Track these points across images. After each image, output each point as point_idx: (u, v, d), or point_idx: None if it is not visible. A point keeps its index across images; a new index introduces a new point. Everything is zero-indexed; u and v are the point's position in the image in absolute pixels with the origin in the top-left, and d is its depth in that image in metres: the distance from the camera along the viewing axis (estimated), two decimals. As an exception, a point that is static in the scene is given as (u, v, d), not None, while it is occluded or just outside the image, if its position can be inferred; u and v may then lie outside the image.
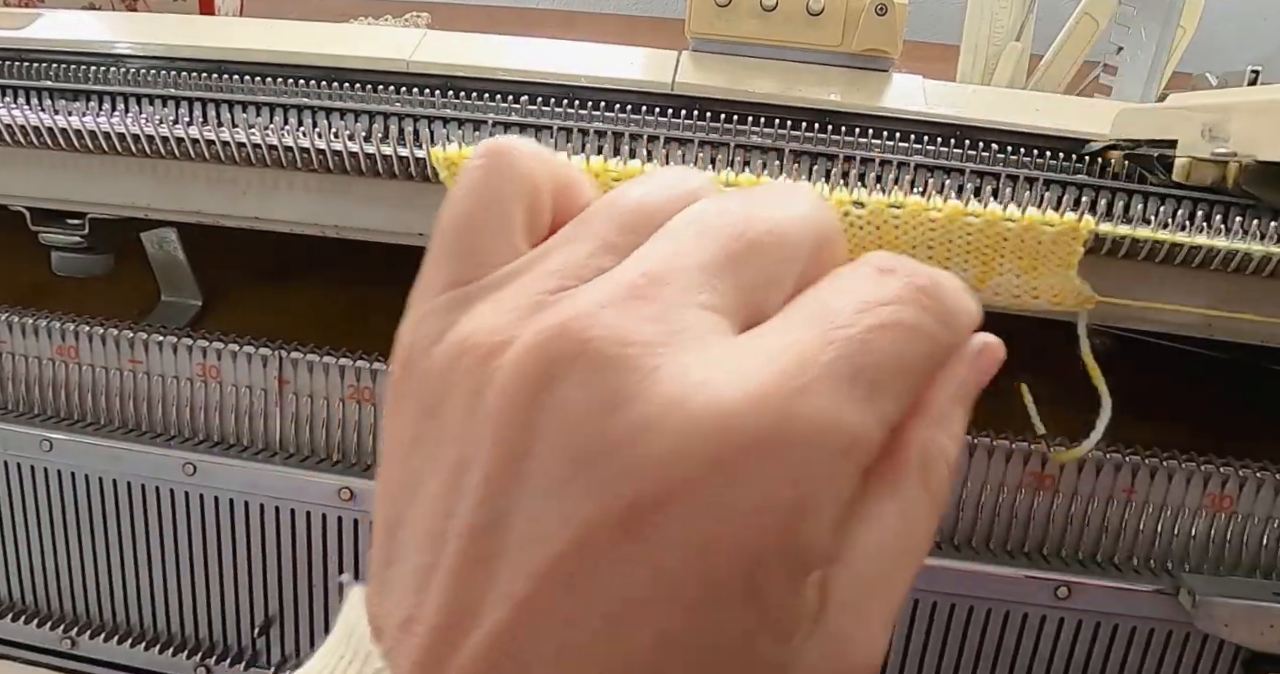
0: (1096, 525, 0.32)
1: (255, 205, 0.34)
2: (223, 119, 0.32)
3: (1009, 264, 0.29)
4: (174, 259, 0.44)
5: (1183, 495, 0.31)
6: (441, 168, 0.29)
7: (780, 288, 0.16)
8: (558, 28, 0.95)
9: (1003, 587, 0.31)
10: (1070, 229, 0.29)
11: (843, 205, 0.29)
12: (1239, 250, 0.29)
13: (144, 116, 0.32)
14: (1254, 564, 0.32)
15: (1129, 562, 0.32)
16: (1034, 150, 0.34)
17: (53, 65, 0.37)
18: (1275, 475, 0.31)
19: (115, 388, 0.35)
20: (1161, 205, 0.30)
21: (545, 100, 0.35)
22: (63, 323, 0.35)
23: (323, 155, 0.31)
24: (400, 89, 0.36)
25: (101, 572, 0.36)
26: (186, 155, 0.33)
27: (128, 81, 0.37)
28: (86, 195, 0.35)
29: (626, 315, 0.14)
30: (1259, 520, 0.31)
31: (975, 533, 0.32)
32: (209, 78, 0.37)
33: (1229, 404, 0.41)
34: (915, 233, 0.29)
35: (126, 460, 0.34)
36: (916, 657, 0.32)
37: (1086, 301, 0.29)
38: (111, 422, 0.36)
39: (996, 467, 0.31)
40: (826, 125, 0.34)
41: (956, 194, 0.30)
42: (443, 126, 0.32)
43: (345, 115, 0.32)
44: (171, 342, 0.34)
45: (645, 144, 0.31)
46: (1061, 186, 0.30)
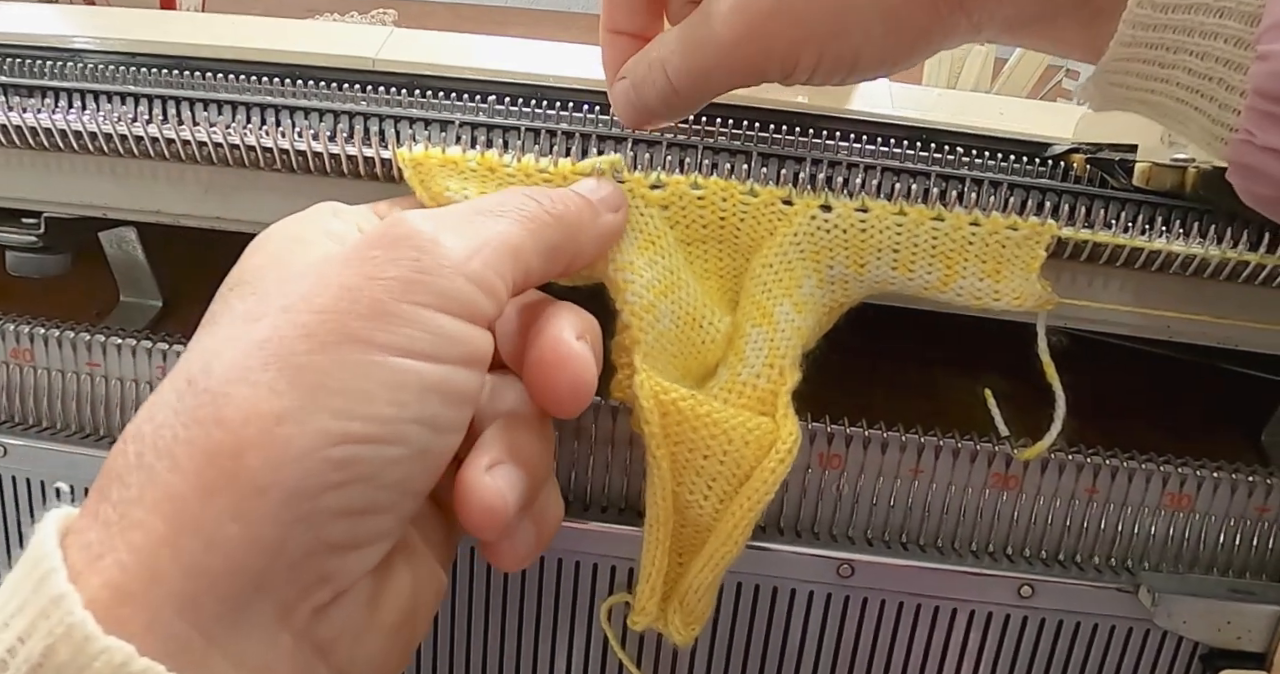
0: (1058, 525, 0.32)
1: (217, 205, 0.33)
2: (184, 117, 0.32)
3: (973, 267, 0.29)
4: (133, 259, 0.43)
5: (1143, 495, 0.32)
6: (407, 168, 0.29)
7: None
8: (526, 27, 0.94)
9: (965, 586, 0.31)
10: (1033, 233, 0.29)
11: (810, 208, 0.29)
12: (1196, 254, 0.29)
13: (102, 114, 0.32)
14: (1211, 562, 0.32)
15: (1090, 560, 0.32)
16: (998, 154, 0.35)
17: (7, 60, 0.36)
18: (1232, 475, 0.32)
19: (72, 392, 0.35)
20: (1122, 210, 0.30)
21: (513, 100, 0.35)
22: (17, 325, 0.34)
23: (286, 155, 0.31)
24: (365, 88, 0.36)
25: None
26: (146, 154, 0.32)
27: (86, 77, 0.36)
28: (42, 194, 0.34)
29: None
30: (1216, 519, 0.32)
31: (940, 533, 0.32)
32: (170, 74, 0.36)
33: (1188, 405, 0.41)
34: (881, 236, 0.29)
35: (84, 466, 0.33)
36: (883, 656, 0.33)
37: (1047, 303, 0.29)
38: (69, 426, 0.35)
39: (961, 467, 0.32)
40: (794, 127, 0.34)
41: (922, 197, 0.30)
42: (409, 126, 0.31)
43: (309, 114, 0.32)
44: (131, 344, 0.34)
45: (613, 146, 0.31)
46: (1025, 190, 0.30)
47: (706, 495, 0.28)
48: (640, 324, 0.28)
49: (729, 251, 0.30)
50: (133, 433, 0.20)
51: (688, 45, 0.27)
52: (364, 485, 0.20)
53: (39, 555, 0.18)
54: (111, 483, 0.20)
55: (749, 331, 0.29)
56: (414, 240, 0.22)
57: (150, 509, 0.19)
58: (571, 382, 0.24)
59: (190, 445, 0.19)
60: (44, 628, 0.17)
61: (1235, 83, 0.23)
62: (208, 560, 0.18)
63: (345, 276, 0.21)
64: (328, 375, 0.20)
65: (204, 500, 0.19)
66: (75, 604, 0.17)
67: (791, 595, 0.32)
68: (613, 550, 0.32)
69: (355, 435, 0.20)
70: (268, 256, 0.24)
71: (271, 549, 0.19)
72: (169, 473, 0.19)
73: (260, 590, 0.19)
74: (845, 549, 0.32)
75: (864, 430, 0.32)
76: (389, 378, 0.20)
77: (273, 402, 0.19)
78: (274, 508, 0.19)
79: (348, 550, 0.20)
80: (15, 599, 0.18)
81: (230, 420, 0.19)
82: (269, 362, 0.20)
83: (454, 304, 0.22)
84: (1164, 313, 0.31)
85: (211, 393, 0.20)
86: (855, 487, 0.32)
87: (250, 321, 0.21)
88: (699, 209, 0.30)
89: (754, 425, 0.28)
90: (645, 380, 0.27)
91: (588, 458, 0.32)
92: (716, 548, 0.28)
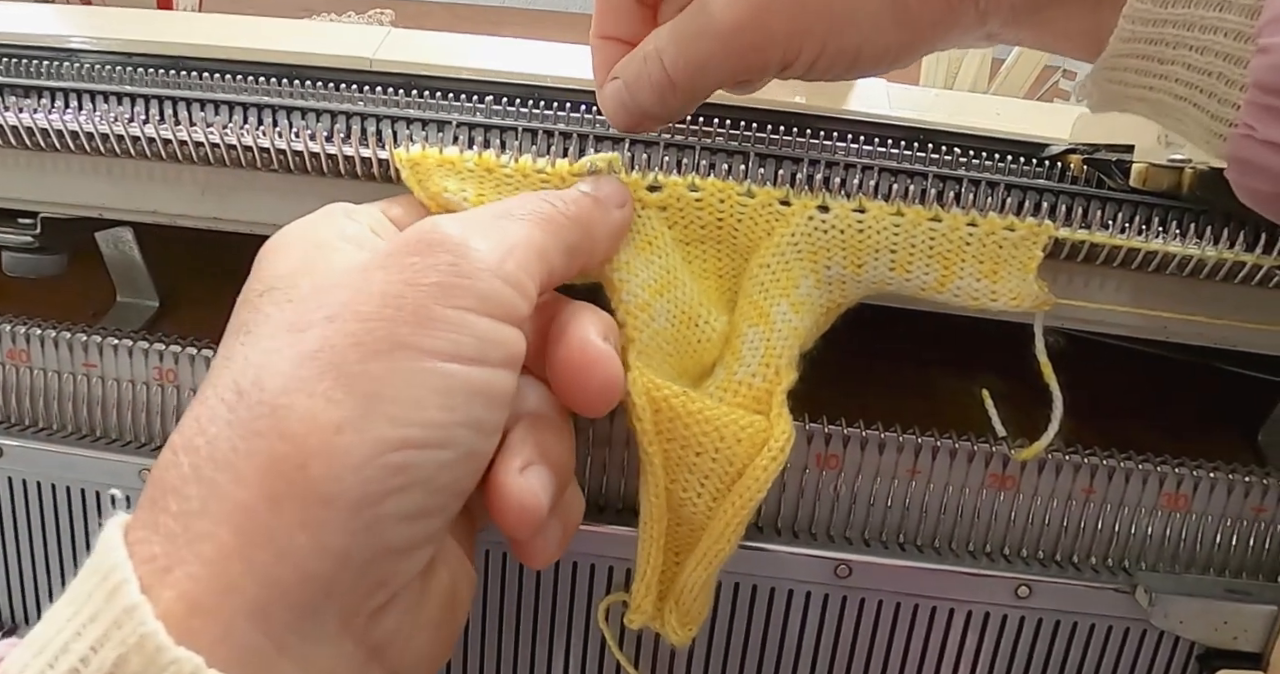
0: (1056, 525, 0.32)
1: (214, 206, 0.33)
2: (180, 117, 0.32)
3: (970, 268, 0.29)
4: (130, 259, 0.43)
5: (1140, 495, 0.32)
6: (404, 168, 0.29)
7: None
8: (524, 27, 0.94)
9: (963, 586, 0.31)
10: (1031, 233, 0.29)
11: (807, 209, 0.29)
12: (1193, 255, 0.29)
13: (99, 114, 0.32)
14: (1208, 562, 0.32)
15: (1087, 560, 0.32)
16: (995, 154, 0.35)
17: (4, 60, 0.36)
18: (1229, 476, 0.32)
19: (69, 392, 0.34)
20: (1119, 210, 0.30)
21: (510, 100, 0.35)
22: (14, 325, 0.34)
23: (283, 155, 0.31)
24: (363, 88, 0.36)
25: (55, 580, 0.35)
26: (143, 154, 0.32)
27: (82, 77, 0.36)
28: (39, 194, 0.34)
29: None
30: (1213, 519, 0.32)
31: (937, 533, 0.32)
32: (166, 74, 0.36)
33: (1184, 405, 0.41)
34: (879, 237, 0.29)
35: (80, 467, 0.33)
36: (881, 657, 0.33)
37: (1044, 303, 0.29)
38: (65, 427, 0.35)
39: (959, 468, 0.32)
40: (791, 128, 0.34)
41: (920, 198, 0.30)
42: (406, 127, 0.31)
43: (306, 114, 0.32)
44: (127, 345, 0.34)
45: (611, 146, 0.31)
46: (1022, 191, 0.30)
47: (700, 493, 0.28)
48: (634, 323, 0.28)
49: (727, 252, 0.30)
50: (183, 444, 0.20)
51: (685, 35, 0.27)
52: (420, 490, 0.21)
53: (109, 566, 0.19)
54: (168, 495, 0.20)
55: (746, 331, 0.29)
56: (448, 245, 0.22)
57: (217, 521, 0.19)
58: (602, 382, 0.25)
59: (252, 457, 0.20)
60: (116, 638, 0.18)
61: (1235, 77, 0.23)
62: (279, 570, 0.19)
63: (386, 284, 0.22)
64: (382, 383, 0.20)
65: (272, 511, 0.19)
66: (148, 615, 0.18)
67: (789, 596, 0.32)
68: (611, 551, 0.32)
69: (411, 441, 0.20)
70: (294, 262, 0.24)
71: (338, 557, 0.19)
72: (233, 485, 0.19)
73: (328, 598, 0.20)
74: (843, 550, 0.32)
75: (861, 431, 0.32)
76: (439, 383, 0.21)
77: (331, 411, 0.20)
78: (340, 516, 0.19)
79: (405, 554, 0.21)
80: (88, 608, 0.18)
81: (291, 431, 0.20)
82: (324, 371, 0.20)
83: (493, 306, 0.22)
84: (1161, 313, 0.31)
85: (268, 404, 0.20)
86: (853, 487, 0.32)
87: (295, 331, 0.21)
88: (696, 210, 0.30)
89: (747, 423, 0.28)
90: (638, 377, 0.27)
91: (585, 458, 0.32)
92: (710, 546, 0.28)
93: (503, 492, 0.23)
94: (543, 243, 0.25)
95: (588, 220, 0.27)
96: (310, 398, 0.20)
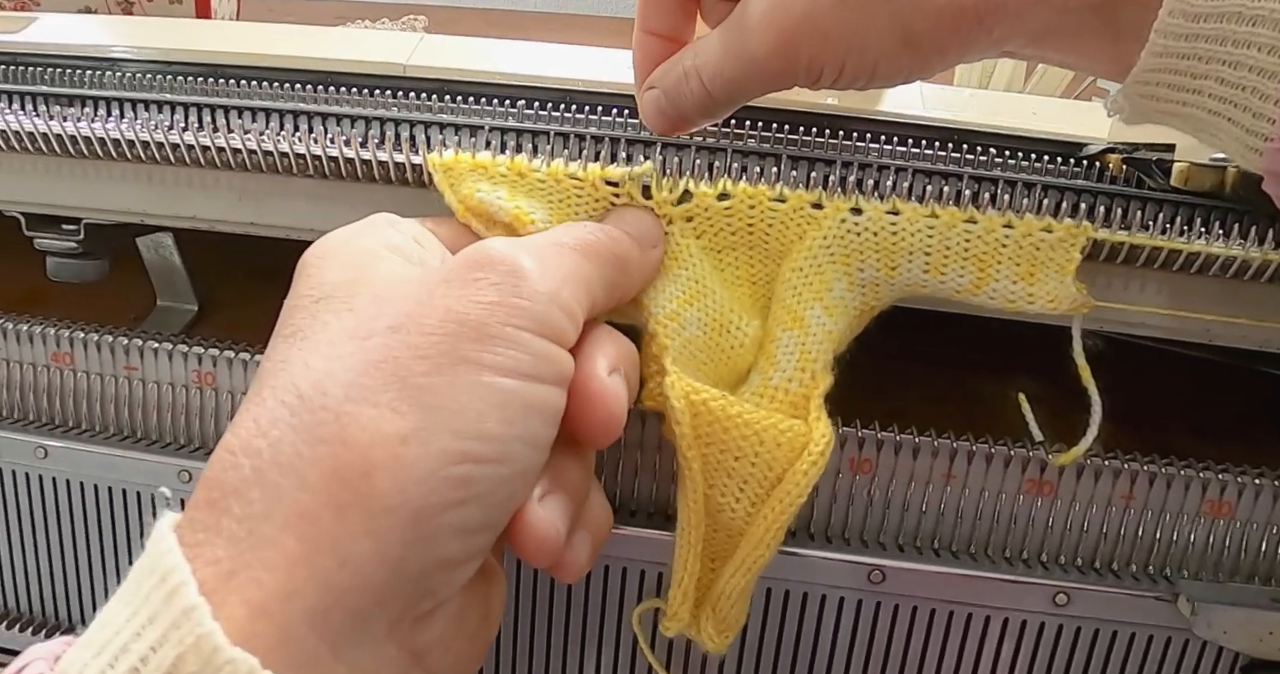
0: (1095, 531, 0.32)
1: (251, 211, 0.34)
2: (218, 124, 0.32)
3: (1006, 270, 0.29)
4: (170, 264, 0.44)
5: (1181, 501, 0.31)
6: (437, 173, 0.29)
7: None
8: (556, 31, 0.94)
9: (999, 593, 0.31)
10: (1069, 235, 0.29)
11: (840, 211, 0.29)
12: (1236, 256, 0.29)
13: (139, 122, 0.32)
14: (1252, 571, 0.31)
15: (1128, 568, 0.32)
16: (1032, 154, 0.34)
17: (48, 70, 0.37)
18: (1274, 482, 0.31)
19: (110, 394, 0.35)
20: (1159, 211, 0.30)
21: (543, 105, 0.35)
22: (57, 329, 0.35)
23: (318, 161, 0.31)
24: (396, 93, 0.36)
25: (97, 579, 0.36)
26: (182, 161, 0.32)
27: (123, 86, 0.37)
28: (82, 201, 0.35)
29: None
30: (1258, 527, 0.31)
31: (974, 539, 0.32)
32: (205, 82, 0.37)
33: (1226, 409, 0.40)
34: (913, 239, 0.29)
35: (121, 467, 0.34)
36: (915, 664, 0.32)
37: (1082, 306, 0.29)
38: (106, 428, 0.35)
39: (995, 473, 0.31)
40: (824, 130, 0.34)
41: (954, 199, 0.29)
42: (439, 132, 0.31)
43: (341, 120, 0.32)
44: (167, 348, 0.34)
45: (642, 150, 0.31)
46: (1060, 191, 0.30)
47: (738, 498, 0.28)
48: (666, 331, 0.28)
49: (758, 258, 0.30)
50: (241, 446, 0.21)
51: (721, 56, 0.28)
52: (477, 504, 0.21)
53: (166, 568, 0.19)
54: (229, 497, 0.20)
55: (780, 336, 0.29)
56: (508, 266, 0.23)
57: (282, 527, 0.19)
58: (604, 418, 0.25)
59: (317, 464, 0.20)
60: (175, 638, 0.18)
61: (1269, 91, 0.22)
62: (340, 577, 0.19)
63: (449, 299, 0.22)
64: (445, 396, 0.21)
65: (336, 519, 0.19)
66: (205, 616, 0.18)
67: (821, 601, 0.32)
68: (643, 555, 0.32)
69: (473, 455, 0.21)
70: (346, 271, 0.24)
71: (396, 566, 0.20)
72: (298, 491, 0.20)
73: (380, 606, 0.20)
74: (876, 555, 0.31)
75: (895, 435, 0.31)
76: (499, 398, 0.21)
77: (397, 422, 0.20)
78: (402, 526, 0.20)
79: (456, 566, 0.21)
80: (146, 610, 0.19)
81: (356, 440, 0.20)
82: (388, 382, 0.21)
83: (548, 329, 0.23)
84: (1203, 316, 0.30)
85: (332, 411, 0.20)
86: (886, 492, 0.32)
87: (357, 339, 0.22)
88: (725, 217, 0.30)
89: (786, 427, 0.28)
90: (676, 381, 0.27)
91: (618, 462, 0.32)
92: (749, 552, 0.28)
93: (523, 522, 0.23)
94: (589, 275, 0.25)
95: (628, 259, 0.27)
96: (375, 407, 0.20)
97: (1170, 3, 0.23)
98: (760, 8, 0.27)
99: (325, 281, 0.24)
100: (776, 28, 0.26)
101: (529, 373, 0.22)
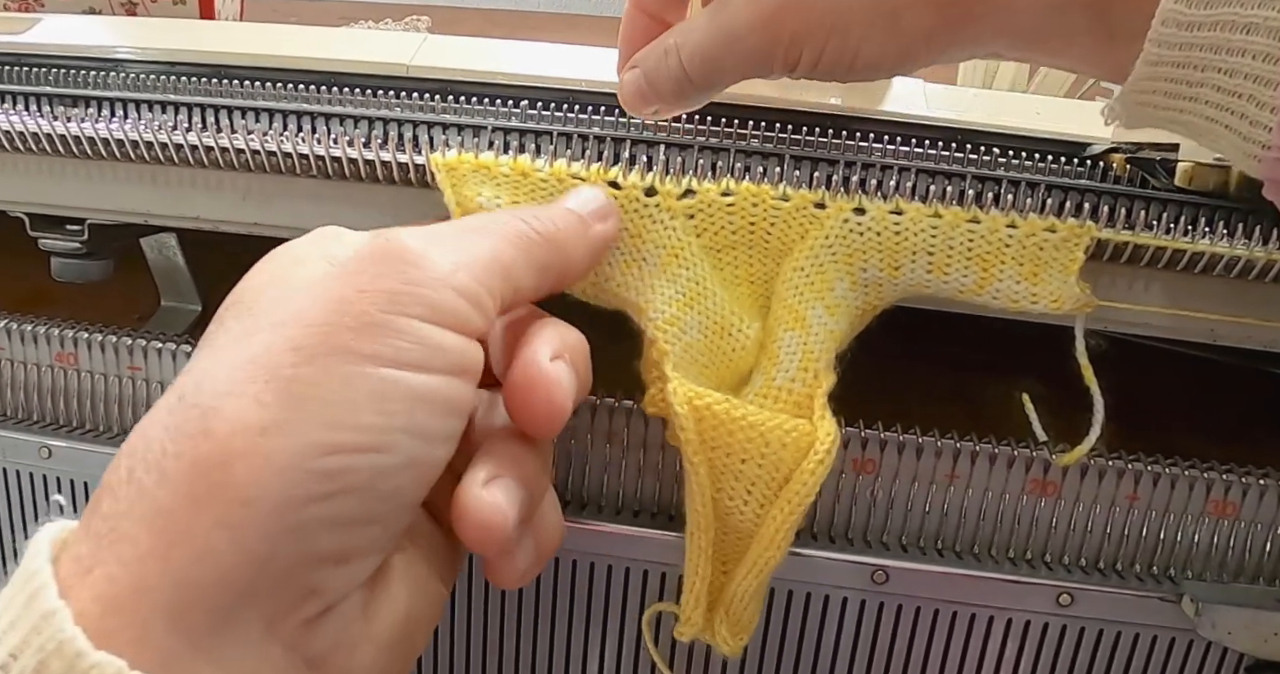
0: (1099, 532, 0.32)
1: (255, 211, 0.34)
2: (222, 124, 0.32)
3: (1010, 270, 0.29)
4: (174, 264, 0.44)
5: (1185, 502, 0.31)
6: (440, 172, 0.29)
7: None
8: (560, 32, 0.95)
9: (1003, 593, 0.31)
10: (1072, 235, 0.28)
11: (843, 211, 0.29)
12: (1241, 256, 0.29)
13: (143, 122, 0.32)
14: (1257, 571, 0.31)
15: (1131, 568, 0.32)
16: (1035, 154, 0.34)
17: (52, 70, 0.37)
18: (1278, 482, 0.31)
19: (115, 395, 0.35)
20: (1164, 210, 0.30)
21: (546, 105, 0.35)
22: (61, 329, 0.35)
23: (322, 161, 0.31)
24: (400, 94, 0.36)
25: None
26: (186, 161, 0.33)
27: (127, 87, 0.37)
28: (86, 201, 0.35)
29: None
30: (1262, 527, 0.31)
31: (977, 539, 0.32)
32: (208, 83, 0.37)
33: (1230, 409, 0.40)
34: (916, 239, 0.29)
35: (126, 467, 0.34)
36: (919, 665, 0.32)
37: (1086, 306, 0.29)
38: (111, 428, 0.35)
39: (998, 473, 0.31)
40: (827, 129, 0.34)
41: (958, 199, 0.29)
42: (442, 132, 0.31)
43: (345, 121, 0.32)
44: (171, 348, 0.34)
45: (646, 150, 0.31)
46: (1063, 191, 0.30)
47: (746, 500, 0.28)
48: (666, 337, 0.28)
49: (759, 257, 0.30)
50: (126, 449, 0.20)
51: (701, 32, 0.28)
52: (353, 496, 0.20)
53: (30, 570, 0.19)
54: (101, 497, 0.20)
55: (781, 336, 0.29)
56: (402, 254, 0.22)
57: (138, 522, 0.19)
58: (546, 403, 0.24)
59: (178, 459, 0.19)
60: (36, 644, 0.18)
61: (1265, 98, 0.22)
62: (196, 572, 0.19)
63: (335, 290, 0.22)
64: (315, 387, 0.20)
65: (192, 512, 0.19)
66: (66, 620, 0.18)
67: (825, 602, 0.32)
68: (647, 555, 0.32)
69: (343, 445, 0.20)
70: (265, 276, 0.24)
71: (259, 560, 0.19)
72: (157, 487, 0.19)
73: (248, 601, 0.19)
74: (880, 555, 0.31)
75: (899, 435, 0.31)
76: (375, 387, 0.21)
77: (259, 413, 0.20)
78: (261, 519, 0.19)
79: (338, 563, 0.20)
80: (8, 615, 0.18)
81: (217, 432, 0.19)
82: (257, 375, 0.20)
83: (442, 315, 0.22)
84: (1208, 315, 0.30)
85: (200, 407, 0.20)
86: (890, 492, 0.32)
87: (244, 337, 0.21)
88: (728, 215, 0.30)
89: (791, 427, 0.28)
90: (678, 387, 0.27)
91: (620, 462, 0.32)
92: (759, 554, 0.28)
93: (464, 505, 0.23)
94: (509, 258, 0.24)
95: (564, 238, 0.26)
96: (239, 399, 0.20)
97: (1164, 12, 0.23)
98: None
99: (243, 289, 0.23)
100: (758, 2, 0.26)
101: (414, 362, 0.21)
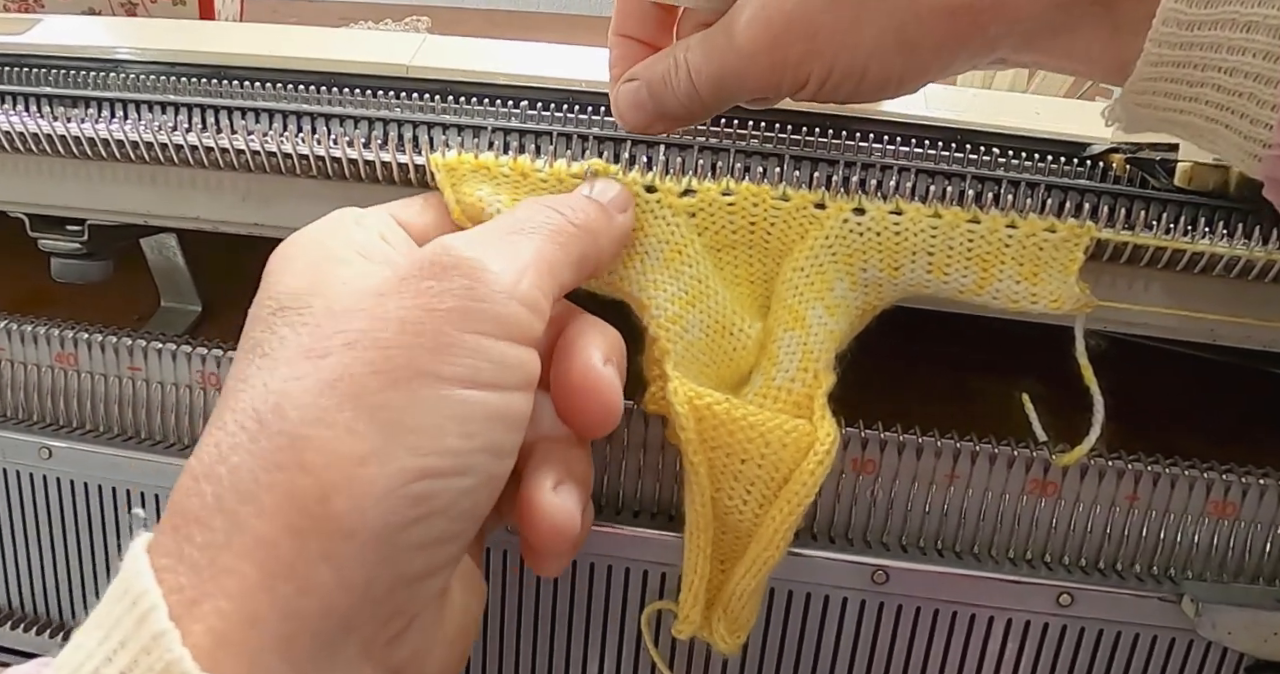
0: (1099, 532, 0.32)
1: (255, 212, 0.34)
2: (222, 125, 0.32)
3: (1009, 270, 0.29)
4: (174, 265, 0.44)
5: (1185, 502, 0.31)
6: (440, 173, 0.29)
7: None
8: (559, 32, 0.95)
9: (1003, 593, 0.31)
10: (1072, 235, 0.28)
11: (843, 211, 0.29)
12: (1240, 256, 0.29)
13: (143, 123, 0.32)
14: (1257, 571, 0.31)
15: (1131, 568, 0.32)
16: (1035, 154, 0.34)
17: (52, 71, 0.37)
18: (1278, 482, 0.31)
19: (115, 395, 0.35)
20: (1163, 210, 0.30)
21: (546, 105, 0.35)
22: (62, 330, 0.35)
23: (322, 162, 0.31)
24: (400, 94, 0.36)
25: (101, 579, 0.36)
26: (186, 162, 0.33)
27: (127, 87, 0.37)
28: (86, 202, 0.35)
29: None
30: (1262, 527, 0.31)
31: (977, 539, 0.32)
32: (208, 83, 0.37)
33: (1230, 409, 0.40)
34: (916, 239, 0.29)
35: (126, 468, 0.34)
36: (919, 665, 0.32)
37: (1085, 306, 0.29)
38: (111, 429, 0.35)
39: (998, 473, 0.31)
40: (826, 130, 0.34)
41: (957, 199, 0.29)
42: (442, 132, 0.31)
43: (344, 121, 0.32)
44: (171, 348, 0.34)
45: (645, 150, 0.31)
46: (1063, 191, 0.30)
47: (746, 500, 0.28)
48: (668, 335, 0.28)
49: (759, 257, 0.30)
50: (204, 472, 0.20)
51: (710, 51, 0.28)
52: (440, 518, 0.21)
53: (138, 591, 0.19)
54: (191, 524, 0.20)
55: (781, 336, 0.29)
56: (463, 267, 0.22)
57: (240, 555, 0.19)
58: (603, 407, 0.25)
59: (274, 490, 0.20)
60: (145, 664, 0.18)
61: (1266, 97, 0.22)
62: (302, 604, 0.19)
63: (403, 309, 0.21)
64: (402, 412, 0.20)
65: (295, 545, 0.19)
66: (175, 641, 0.18)
67: (825, 602, 0.32)
68: (646, 555, 0.32)
69: (432, 470, 0.20)
70: (303, 278, 0.23)
71: (359, 589, 0.20)
72: (255, 519, 0.19)
73: (347, 628, 0.20)
74: (880, 555, 0.31)
75: (898, 435, 0.31)
76: (458, 410, 0.21)
77: (353, 443, 0.20)
78: (361, 550, 0.19)
79: (423, 580, 0.21)
80: (117, 634, 0.19)
81: (312, 464, 0.20)
82: (343, 402, 0.20)
83: (510, 329, 0.22)
84: (1208, 316, 0.30)
85: (289, 435, 0.20)
86: (890, 492, 0.32)
87: (314, 357, 0.21)
88: (728, 214, 0.30)
89: (791, 427, 0.28)
90: (679, 387, 0.27)
91: (620, 462, 0.32)
92: (759, 553, 0.28)
93: (539, 511, 0.23)
94: (554, 256, 0.25)
95: (595, 229, 0.26)
96: (331, 429, 0.20)
97: (1165, 11, 0.23)
98: (752, 4, 0.26)
99: (283, 291, 0.23)
100: (765, 23, 0.26)
101: (490, 381, 0.22)
